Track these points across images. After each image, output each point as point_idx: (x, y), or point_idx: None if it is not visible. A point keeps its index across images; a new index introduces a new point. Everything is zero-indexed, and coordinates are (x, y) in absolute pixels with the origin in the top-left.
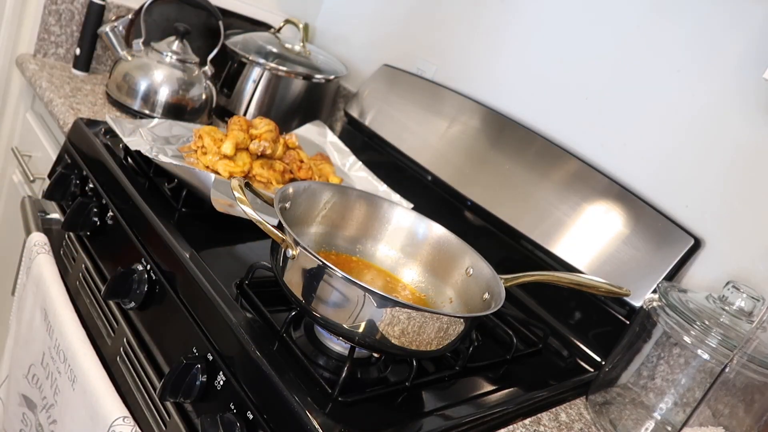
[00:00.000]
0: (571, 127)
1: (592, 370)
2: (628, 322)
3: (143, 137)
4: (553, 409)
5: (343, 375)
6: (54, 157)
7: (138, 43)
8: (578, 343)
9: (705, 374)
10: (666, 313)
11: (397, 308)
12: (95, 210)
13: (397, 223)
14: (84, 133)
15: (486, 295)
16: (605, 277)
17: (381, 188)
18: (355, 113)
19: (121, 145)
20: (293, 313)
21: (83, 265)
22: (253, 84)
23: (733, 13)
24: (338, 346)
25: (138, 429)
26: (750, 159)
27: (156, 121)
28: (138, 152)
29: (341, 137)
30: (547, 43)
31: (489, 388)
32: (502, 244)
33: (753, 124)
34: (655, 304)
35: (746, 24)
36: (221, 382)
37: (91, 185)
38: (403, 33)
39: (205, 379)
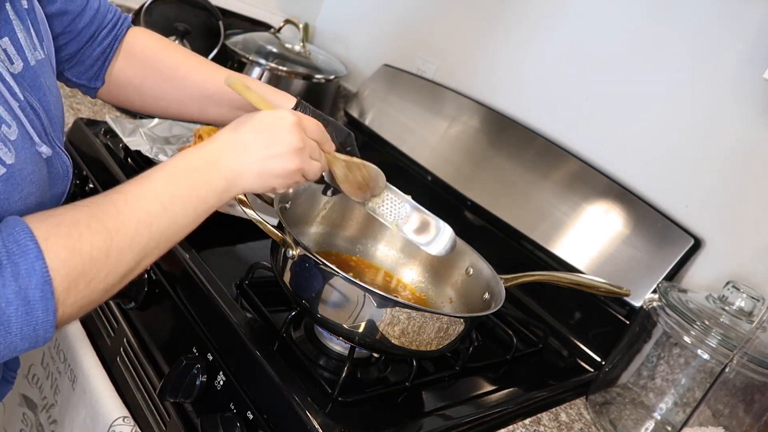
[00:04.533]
0: (571, 127)
1: (592, 370)
2: (628, 322)
3: (143, 137)
4: (553, 409)
5: (343, 375)
6: None
7: None
8: (578, 343)
9: (705, 374)
10: (666, 313)
11: (397, 308)
12: None
13: None
14: (84, 133)
15: (486, 295)
16: (605, 277)
17: None
18: (355, 113)
19: (121, 145)
20: (293, 313)
21: None
22: None
23: (731, 14)
24: (338, 346)
25: (138, 429)
26: (750, 159)
27: (156, 121)
28: (138, 152)
29: None
30: (548, 43)
31: (489, 388)
32: (502, 244)
33: (752, 123)
34: (655, 304)
35: (744, 25)
36: (221, 382)
37: (91, 185)
38: (403, 33)
39: (205, 379)
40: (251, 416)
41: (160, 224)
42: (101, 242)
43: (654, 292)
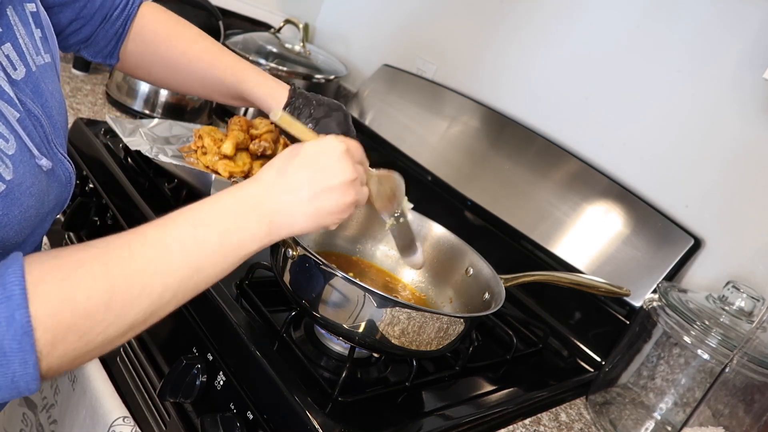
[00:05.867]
0: (571, 127)
1: (592, 370)
2: (628, 322)
3: (143, 137)
4: (553, 409)
5: (343, 375)
6: None
7: None
8: (578, 343)
9: (705, 374)
10: (666, 313)
11: (397, 308)
12: (95, 210)
13: None
14: (84, 133)
15: (486, 295)
16: (605, 277)
17: None
18: (355, 113)
19: (121, 145)
20: (293, 313)
21: None
22: None
23: (731, 14)
24: (338, 346)
25: (138, 429)
26: (750, 159)
27: (156, 121)
28: (138, 152)
29: None
30: (547, 43)
31: (489, 388)
32: (502, 244)
33: (752, 123)
34: (655, 304)
35: (744, 26)
36: (221, 382)
37: (91, 185)
38: (403, 33)
39: (205, 379)
40: (251, 416)
41: (179, 274)
42: (100, 292)
43: (654, 292)
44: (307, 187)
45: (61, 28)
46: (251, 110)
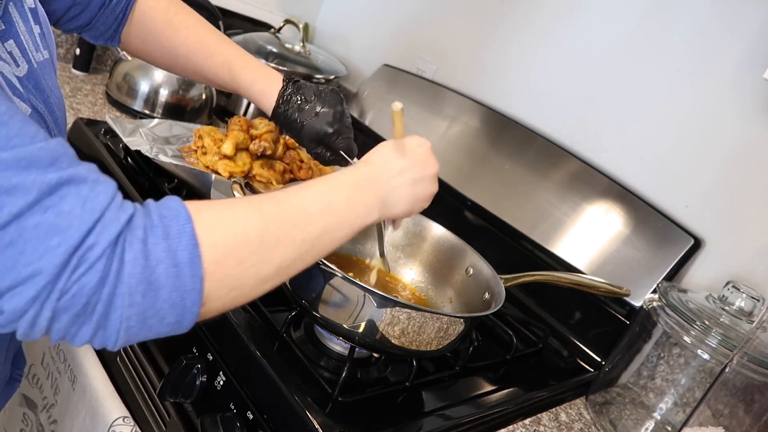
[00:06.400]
0: (571, 127)
1: (592, 370)
2: (628, 322)
3: (143, 137)
4: (553, 409)
5: (343, 375)
6: None
7: None
8: (578, 343)
9: (705, 374)
10: (666, 313)
11: (397, 308)
12: None
13: None
14: (84, 133)
15: (486, 295)
16: (605, 277)
17: None
18: (355, 113)
19: (121, 145)
20: (293, 313)
21: None
22: None
23: (731, 14)
24: (338, 346)
25: (138, 429)
26: (750, 159)
27: (156, 121)
28: (138, 152)
29: None
30: (547, 43)
31: (489, 388)
32: (502, 244)
33: (752, 123)
34: (655, 304)
35: (744, 26)
36: (221, 382)
37: None
38: (403, 33)
39: (205, 379)
40: (251, 416)
41: (316, 227)
42: (255, 225)
43: (654, 292)
44: (411, 172)
45: (60, 14)
46: (251, 110)
